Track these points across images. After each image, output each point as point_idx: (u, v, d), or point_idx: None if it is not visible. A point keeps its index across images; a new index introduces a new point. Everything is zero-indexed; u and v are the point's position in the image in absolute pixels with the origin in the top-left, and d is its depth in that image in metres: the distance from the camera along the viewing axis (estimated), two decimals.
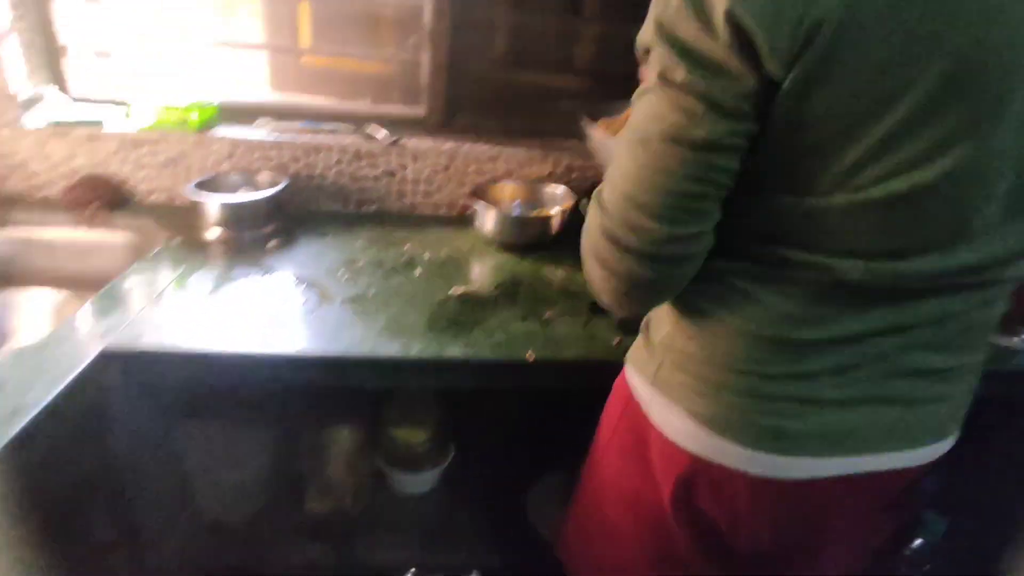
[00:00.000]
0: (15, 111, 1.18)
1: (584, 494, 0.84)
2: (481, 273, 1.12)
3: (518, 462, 1.34)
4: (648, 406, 0.66)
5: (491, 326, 0.94)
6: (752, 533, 0.66)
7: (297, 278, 1.02)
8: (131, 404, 0.86)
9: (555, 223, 1.22)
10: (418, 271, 1.09)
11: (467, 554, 1.23)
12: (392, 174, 1.30)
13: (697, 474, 0.63)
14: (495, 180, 1.33)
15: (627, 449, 0.72)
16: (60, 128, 1.20)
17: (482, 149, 1.33)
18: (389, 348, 0.86)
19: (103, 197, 1.19)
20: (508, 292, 1.05)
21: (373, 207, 1.34)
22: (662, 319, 0.66)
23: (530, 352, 0.88)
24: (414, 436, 1.23)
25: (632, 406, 0.69)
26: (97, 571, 0.85)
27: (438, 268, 1.11)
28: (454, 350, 0.87)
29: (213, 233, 1.13)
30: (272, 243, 1.14)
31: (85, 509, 0.81)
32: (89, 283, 1.11)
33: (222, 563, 1.15)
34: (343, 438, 1.23)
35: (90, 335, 0.82)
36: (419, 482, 1.27)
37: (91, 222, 1.18)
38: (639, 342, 0.70)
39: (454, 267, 1.12)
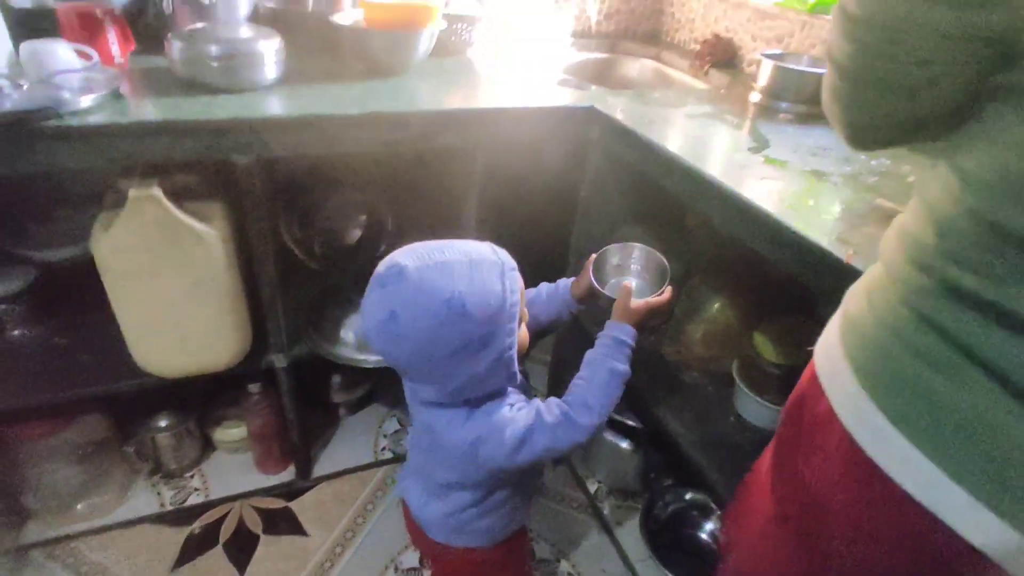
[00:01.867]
0: None
1: None
2: None
3: None
4: None
5: None
6: None
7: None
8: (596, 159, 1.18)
9: None
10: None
11: None
12: None
13: None
14: None
15: None
16: None
17: None
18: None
19: (717, 56, 1.44)
20: None
21: None
22: None
23: (850, 252, 0.68)
24: (771, 353, 1.03)
25: None
26: None
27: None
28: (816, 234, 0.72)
29: (755, 97, 1.22)
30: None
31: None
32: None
33: None
34: (715, 307, 1.13)
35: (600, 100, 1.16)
36: (760, 412, 1.05)
37: (700, 73, 1.46)
38: None
39: None
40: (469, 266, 0.67)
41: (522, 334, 0.76)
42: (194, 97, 0.98)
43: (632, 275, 0.91)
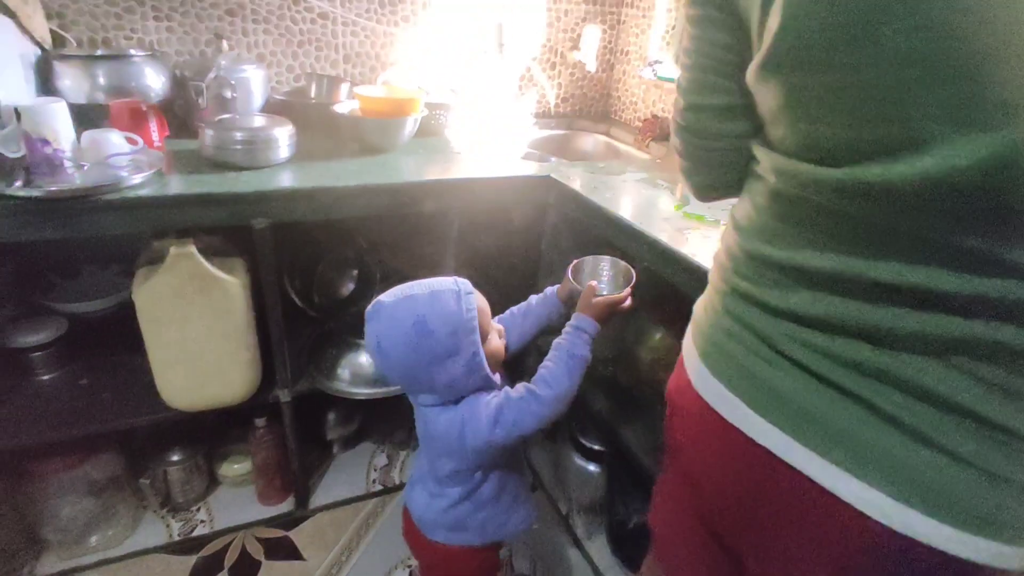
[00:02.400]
0: (643, 67, 1.87)
1: None
2: None
3: None
4: None
5: None
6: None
7: None
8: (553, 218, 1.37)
9: None
10: None
11: None
12: None
13: None
14: None
15: None
16: (658, 82, 1.81)
17: None
18: None
19: (655, 132, 1.74)
20: None
21: None
22: None
23: None
24: None
25: None
26: None
27: None
28: None
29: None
30: None
31: None
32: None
33: None
34: (658, 336, 1.32)
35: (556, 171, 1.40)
36: None
37: (643, 146, 1.75)
38: None
39: None
40: (430, 296, 0.88)
41: (493, 344, 0.95)
42: (222, 174, 1.20)
43: (603, 280, 1.06)
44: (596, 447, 1.56)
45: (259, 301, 1.30)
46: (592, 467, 1.58)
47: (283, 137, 1.26)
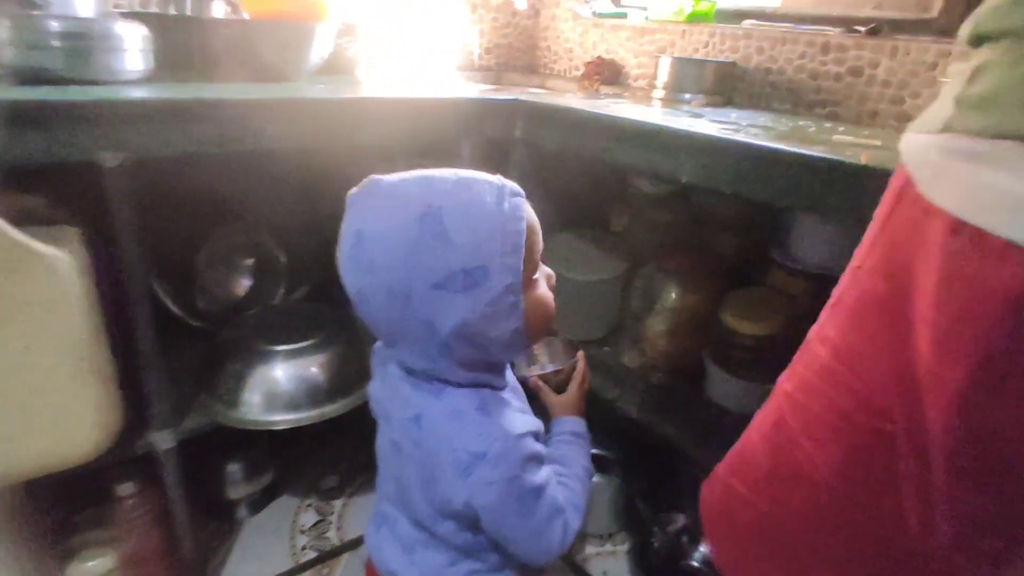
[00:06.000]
0: (579, 5, 1.62)
1: None
2: None
3: None
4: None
5: None
6: None
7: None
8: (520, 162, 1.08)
9: None
10: None
11: None
12: (858, 73, 1.11)
13: None
14: None
15: None
16: (598, 19, 1.58)
17: None
18: None
19: (604, 75, 1.51)
20: None
21: (826, 110, 1.16)
22: None
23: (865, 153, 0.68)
24: (749, 327, 0.98)
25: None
26: None
27: None
28: None
29: (658, 94, 1.26)
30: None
31: None
32: None
33: None
34: (672, 296, 1.08)
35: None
36: (739, 393, 1.00)
37: (592, 91, 1.48)
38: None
39: None
40: (456, 182, 0.55)
41: (539, 292, 0.60)
42: (34, 87, 0.75)
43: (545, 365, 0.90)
44: (599, 452, 1.23)
45: (114, 296, 0.84)
46: (598, 479, 1.24)
47: (133, 39, 0.83)
